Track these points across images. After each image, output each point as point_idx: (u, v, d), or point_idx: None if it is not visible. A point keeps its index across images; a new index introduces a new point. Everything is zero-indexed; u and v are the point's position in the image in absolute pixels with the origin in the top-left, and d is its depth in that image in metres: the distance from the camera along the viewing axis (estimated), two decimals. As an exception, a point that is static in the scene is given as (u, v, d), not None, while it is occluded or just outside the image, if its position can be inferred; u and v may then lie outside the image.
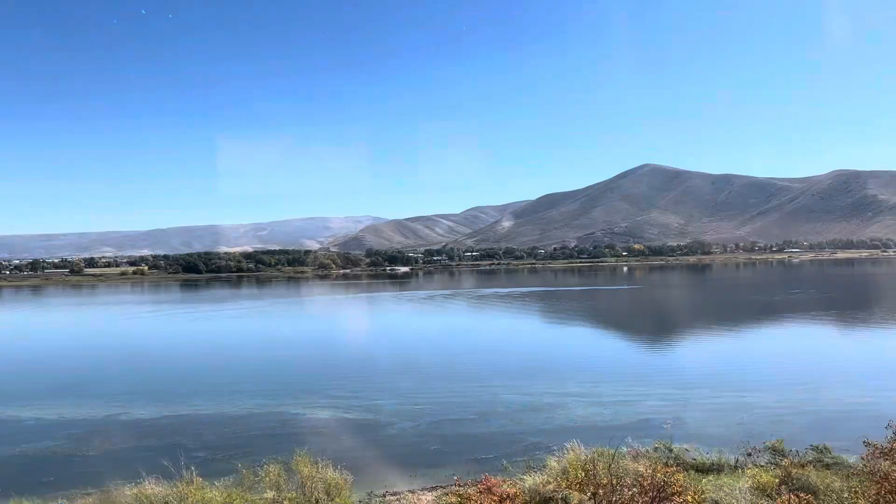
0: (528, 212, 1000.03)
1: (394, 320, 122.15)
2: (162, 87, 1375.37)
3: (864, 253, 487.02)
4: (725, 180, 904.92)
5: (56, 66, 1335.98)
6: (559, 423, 41.49)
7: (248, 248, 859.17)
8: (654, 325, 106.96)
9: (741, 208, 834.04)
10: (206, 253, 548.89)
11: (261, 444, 38.38)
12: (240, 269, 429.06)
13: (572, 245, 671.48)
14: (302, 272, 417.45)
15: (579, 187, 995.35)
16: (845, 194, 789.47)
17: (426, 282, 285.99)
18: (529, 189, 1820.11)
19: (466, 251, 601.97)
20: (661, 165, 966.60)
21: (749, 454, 30.45)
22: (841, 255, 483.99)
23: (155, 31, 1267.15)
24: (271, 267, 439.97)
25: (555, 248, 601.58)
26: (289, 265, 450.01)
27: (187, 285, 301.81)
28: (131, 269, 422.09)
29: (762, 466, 27.98)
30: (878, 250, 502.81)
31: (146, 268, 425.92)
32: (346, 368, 65.71)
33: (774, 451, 30.20)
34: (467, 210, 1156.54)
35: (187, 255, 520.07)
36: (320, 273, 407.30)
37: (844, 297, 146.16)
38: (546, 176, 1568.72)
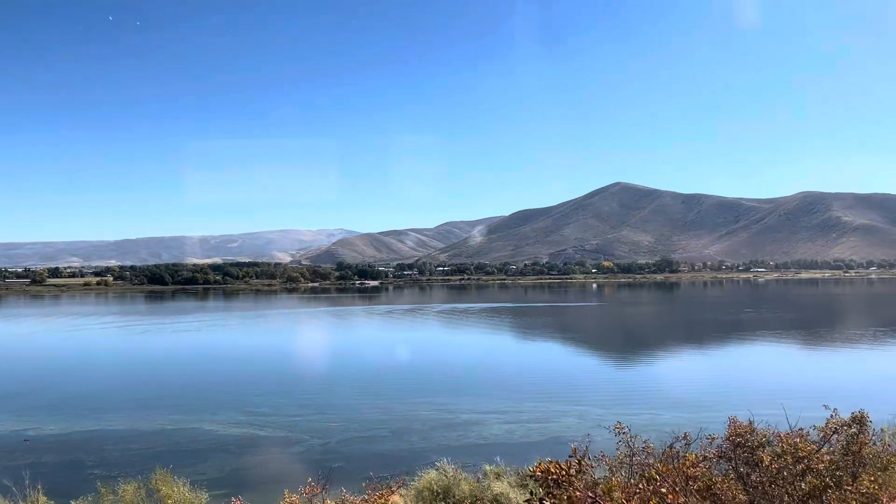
0: (502, 227, 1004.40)
1: (344, 335, 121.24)
2: (134, 96, 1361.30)
3: (828, 273, 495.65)
4: (695, 199, 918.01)
5: (23, 75, 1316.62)
6: (470, 441, 41.27)
7: (218, 260, 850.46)
8: (607, 342, 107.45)
9: (710, 227, 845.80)
10: (173, 264, 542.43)
11: (162, 460, 37.42)
12: (206, 281, 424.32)
13: (544, 261, 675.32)
14: (270, 285, 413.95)
15: (552, 204, 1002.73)
16: (811, 215, 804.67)
17: (395, 296, 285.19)
18: (504, 205, 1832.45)
19: (438, 266, 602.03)
20: (633, 184, 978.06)
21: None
22: (805, 275, 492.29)
23: (125, 40, 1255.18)
24: (239, 279, 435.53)
25: (525, 264, 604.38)
26: (257, 278, 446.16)
27: (152, 297, 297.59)
28: (95, 279, 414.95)
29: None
30: (841, 271, 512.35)
31: (111, 278, 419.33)
32: (279, 384, 64.88)
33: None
34: (441, 225, 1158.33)
35: (154, 266, 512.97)
36: (288, 286, 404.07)
37: (799, 316, 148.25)
38: (520, 192, 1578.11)
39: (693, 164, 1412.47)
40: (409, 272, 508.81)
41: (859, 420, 13.74)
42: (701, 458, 13.14)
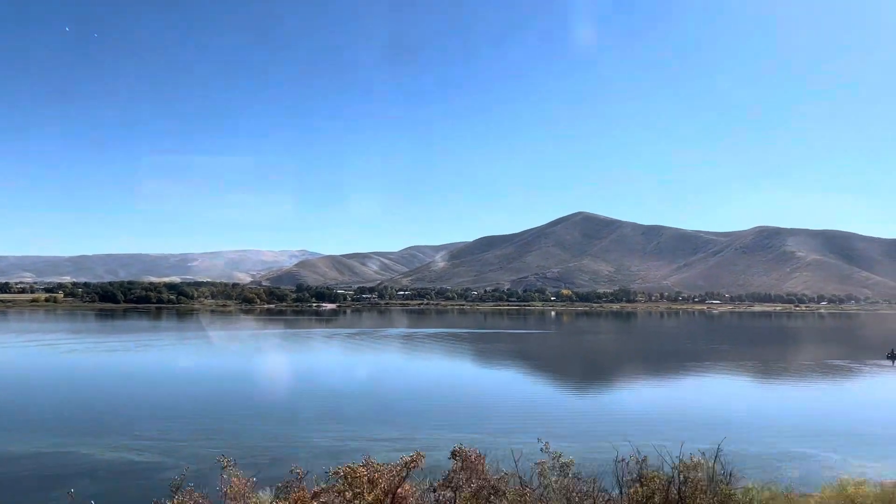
0: (465, 253, 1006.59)
1: (270, 358, 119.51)
2: (90, 109, 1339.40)
3: (779, 307, 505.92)
4: (655, 231, 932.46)
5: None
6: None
7: (177, 279, 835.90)
8: (545, 370, 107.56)
9: (669, 259, 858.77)
10: (128, 282, 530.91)
11: (23, 485, 36.54)
12: (160, 300, 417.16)
13: (506, 288, 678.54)
14: (224, 306, 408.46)
15: (516, 231, 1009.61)
16: (766, 250, 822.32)
17: (351, 320, 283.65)
18: (468, 231, 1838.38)
19: (400, 290, 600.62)
20: (595, 213, 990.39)
21: None
22: (758, 307, 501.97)
23: (80, 51, 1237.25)
24: (193, 299, 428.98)
25: (485, 290, 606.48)
26: (212, 298, 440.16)
27: (103, 315, 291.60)
28: (44, 296, 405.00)
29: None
30: (793, 305, 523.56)
31: (61, 295, 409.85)
32: (180, 408, 63.63)
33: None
34: (405, 249, 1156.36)
35: (107, 283, 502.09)
36: (244, 307, 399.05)
37: (741, 349, 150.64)
38: (485, 218, 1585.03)
39: (653, 196, 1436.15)
40: (369, 296, 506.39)
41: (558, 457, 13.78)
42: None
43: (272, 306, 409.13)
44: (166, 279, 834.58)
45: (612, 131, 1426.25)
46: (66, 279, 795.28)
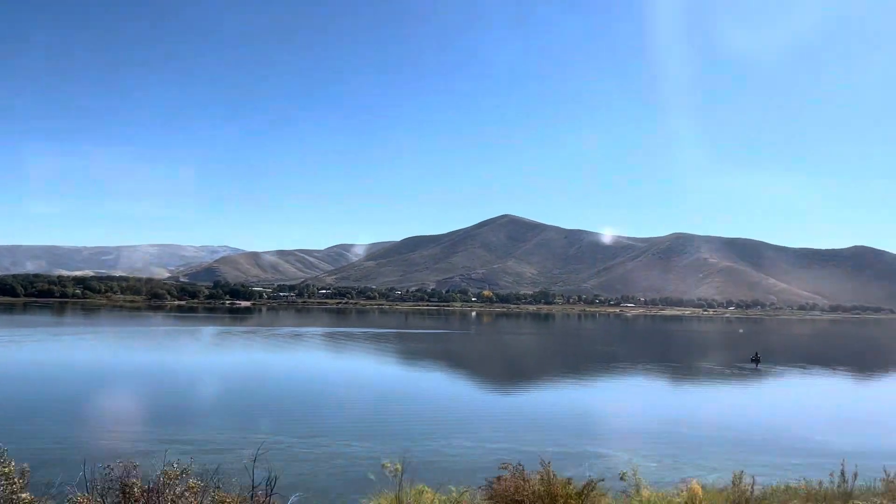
0: (392, 252, 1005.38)
1: (145, 357, 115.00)
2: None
3: (688, 311, 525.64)
4: (577, 235, 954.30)
5: None
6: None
7: (90, 273, 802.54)
8: (452, 369, 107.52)
9: (590, 262, 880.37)
10: (34, 275, 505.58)
11: None
12: (64, 294, 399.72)
13: (431, 288, 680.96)
14: (133, 301, 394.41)
15: (443, 232, 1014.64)
16: (681, 255, 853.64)
17: (265, 318, 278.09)
18: (395, 230, 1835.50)
19: (322, 289, 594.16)
20: (520, 217, 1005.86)
21: None
22: (669, 311, 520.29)
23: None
24: (100, 294, 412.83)
25: (407, 290, 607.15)
26: (122, 293, 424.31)
27: (7, 310, 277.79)
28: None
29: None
30: (701, 309, 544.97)
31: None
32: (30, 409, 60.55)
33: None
34: (331, 247, 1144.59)
35: (8, 276, 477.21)
36: (153, 304, 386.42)
37: (627, 350, 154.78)
38: (412, 218, 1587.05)
39: (576, 201, 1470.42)
40: (286, 294, 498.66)
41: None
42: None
43: (183, 303, 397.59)
44: (78, 273, 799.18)
45: (538, 135, 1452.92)
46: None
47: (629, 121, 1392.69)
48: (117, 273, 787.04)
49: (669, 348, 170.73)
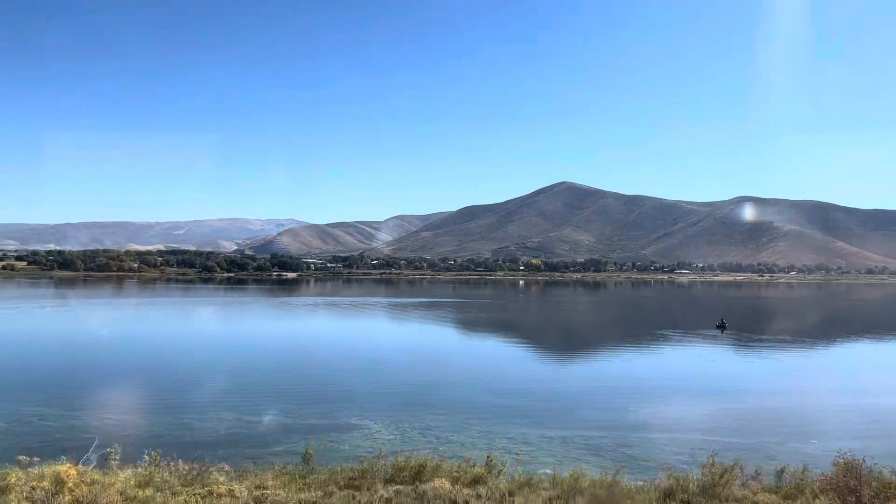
0: (448, 223, 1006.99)
1: (165, 326, 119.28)
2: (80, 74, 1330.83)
3: (741, 277, 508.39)
4: (637, 201, 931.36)
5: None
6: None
7: (161, 247, 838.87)
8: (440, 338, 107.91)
9: (649, 229, 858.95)
10: (92, 251, 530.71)
11: None
12: (121, 269, 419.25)
13: (485, 257, 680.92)
14: (185, 274, 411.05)
15: (499, 201, 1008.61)
16: (745, 220, 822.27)
17: (310, 289, 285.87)
18: (453, 200, 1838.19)
19: (374, 259, 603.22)
20: (578, 184, 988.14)
21: None
22: (723, 277, 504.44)
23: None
24: (156, 268, 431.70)
25: (455, 260, 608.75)
26: (176, 266, 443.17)
27: (62, 283, 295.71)
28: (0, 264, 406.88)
29: None
30: (758, 274, 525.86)
31: (17, 262, 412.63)
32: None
33: None
34: (391, 218, 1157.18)
35: (70, 251, 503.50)
36: (203, 276, 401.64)
37: (632, 318, 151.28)
38: (470, 188, 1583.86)
39: (636, 166, 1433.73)
40: (334, 265, 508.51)
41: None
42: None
43: (231, 275, 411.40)
44: (150, 247, 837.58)
45: (597, 102, 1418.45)
46: (51, 246, 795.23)
47: (694, 81, 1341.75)
48: (188, 247, 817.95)
49: (683, 315, 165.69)
